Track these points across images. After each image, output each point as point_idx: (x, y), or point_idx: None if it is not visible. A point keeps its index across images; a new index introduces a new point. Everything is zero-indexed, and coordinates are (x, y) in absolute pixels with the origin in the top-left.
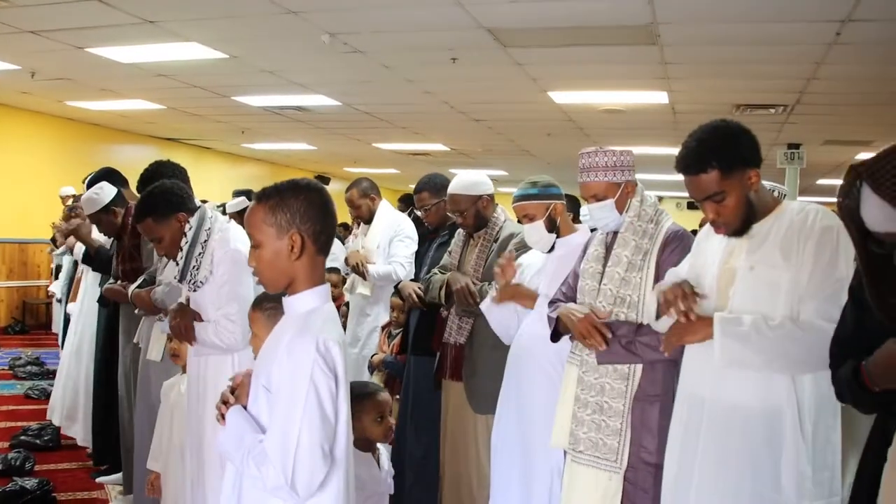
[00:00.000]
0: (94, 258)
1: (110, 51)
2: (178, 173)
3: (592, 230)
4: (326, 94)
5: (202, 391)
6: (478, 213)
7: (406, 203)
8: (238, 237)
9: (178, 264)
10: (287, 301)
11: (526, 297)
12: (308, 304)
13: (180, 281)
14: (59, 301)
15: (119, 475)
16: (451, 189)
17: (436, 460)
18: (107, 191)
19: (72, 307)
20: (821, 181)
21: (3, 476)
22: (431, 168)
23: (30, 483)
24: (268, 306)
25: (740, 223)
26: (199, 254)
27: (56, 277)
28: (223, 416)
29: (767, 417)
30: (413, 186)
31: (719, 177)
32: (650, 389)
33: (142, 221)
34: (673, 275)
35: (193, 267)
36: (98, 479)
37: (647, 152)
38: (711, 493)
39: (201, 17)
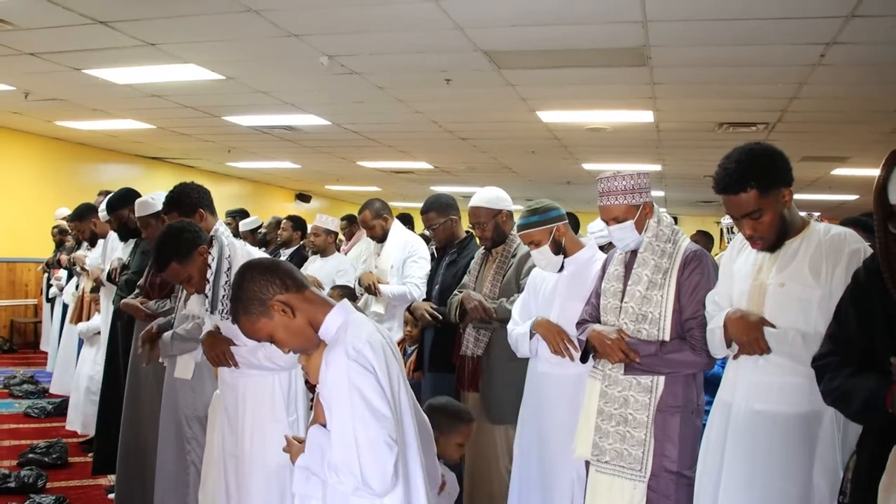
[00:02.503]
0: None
1: (107, 72)
2: (203, 194)
3: (602, 248)
4: (317, 114)
5: (241, 406)
6: (496, 227)
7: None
8: None
9: (207, 296)
10: (320, 335)
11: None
12: (334, 324)
13: (211, 312)
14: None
15: None
16: (472, 202)
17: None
18: (161, 199)
19: (81, 326)
20: (796, 196)
21: (18, 493)
22: (413, 186)
23: (46, 500)
24: None
25: (775, 238)
26: (226, 282)
27: (47, 298)
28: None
29: (806, 421)
30: (396, 204)
31: (757, 196)
32: (671, 401)
33: (166, 268)
34: (710, 300)
35: (223, 297)
36: (111, 496)
37: (629, 170)
38: (739, 496)
39: (202, 40)
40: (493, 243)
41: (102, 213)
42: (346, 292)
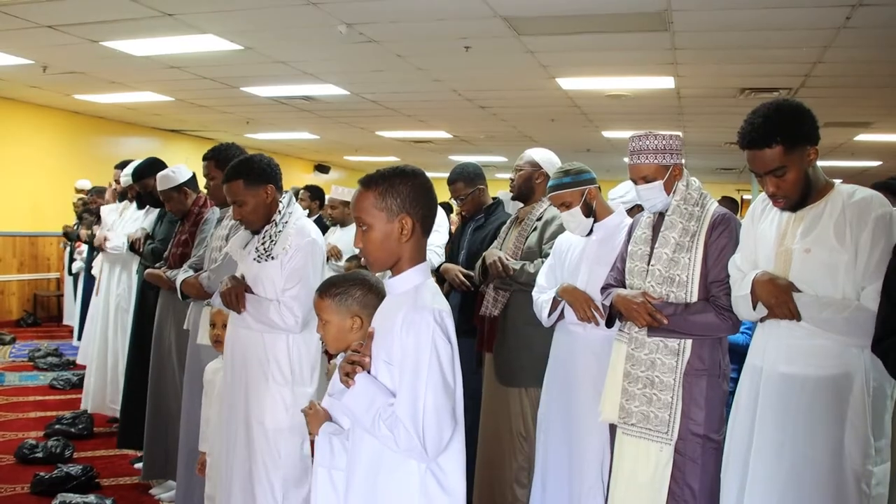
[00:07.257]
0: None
1: (125, 44)
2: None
3: (629, 210)
4: (336, 84)
5: (249, 369)
6: (529, 179)
7: None
8: (314, 230)
9: (259, 234)
10: (392, 282)
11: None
12: (413, 280)
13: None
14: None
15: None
16: (530, 151)
17: (469, 435)
18: (182, 172)
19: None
20: (819, 163)
21: (45, 463)
22: (432, 155)
23: (74, 469)
24: (336, 291)
25: (798, 197)
26: (277, 231)
27: (70, 272)
28: (347, 377)
29: (836, 386)
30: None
31: (782, 152)
32: (698, 364)
33: (232, 181)
34: (732, 265)
35: (271, 240)
36: (137, 466)
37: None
38: (768, 460)
39: (220, 10)
40: (518, 191)
41: (125, 178)
42: None
